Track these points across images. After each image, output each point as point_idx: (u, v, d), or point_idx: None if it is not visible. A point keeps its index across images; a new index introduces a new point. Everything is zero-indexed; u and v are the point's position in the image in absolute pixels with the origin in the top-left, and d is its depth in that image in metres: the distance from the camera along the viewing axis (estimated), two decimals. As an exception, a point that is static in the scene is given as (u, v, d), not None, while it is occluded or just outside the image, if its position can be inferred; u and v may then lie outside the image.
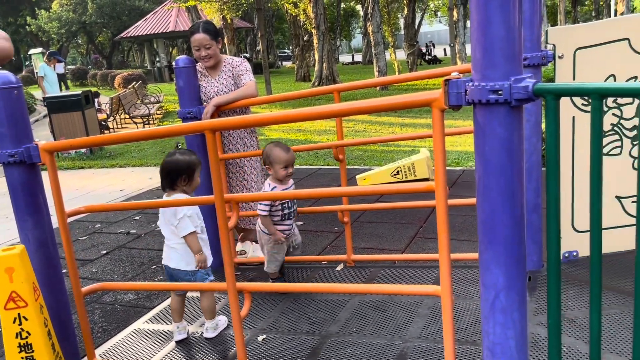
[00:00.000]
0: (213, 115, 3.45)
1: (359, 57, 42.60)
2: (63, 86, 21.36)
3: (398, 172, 5.57)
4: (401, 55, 25.04)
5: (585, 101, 2.91)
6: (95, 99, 15.15)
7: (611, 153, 3.00)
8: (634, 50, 2.88)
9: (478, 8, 1.55)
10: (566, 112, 2.89)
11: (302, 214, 4.70)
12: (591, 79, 2.85)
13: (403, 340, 2.55)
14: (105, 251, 4.38)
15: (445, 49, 37.48)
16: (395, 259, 3.59)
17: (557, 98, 1.51)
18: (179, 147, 3.31)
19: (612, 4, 22.83)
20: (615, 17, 2.98)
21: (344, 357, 2.47)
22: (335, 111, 2.09)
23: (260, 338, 2.73)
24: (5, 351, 2.13)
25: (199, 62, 3.66)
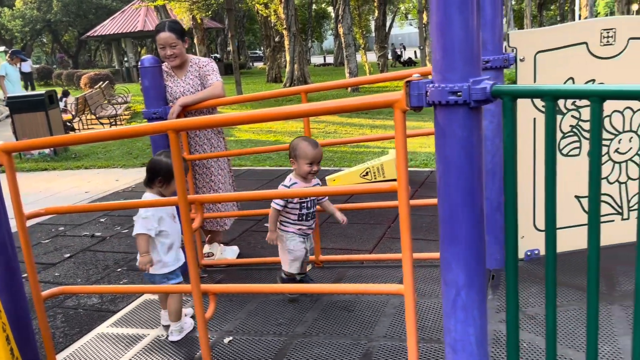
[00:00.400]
0: (179, 115, 3.42)
1: (330, 59, 42.74)
2: (29, 86, 20.83)
3: (367, 173, 5.61)
4: (372, 57, 25.21)
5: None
6: (64, 98, 14.82)
7: (570, 154, 3.09)
8: (592, 54, 2.96)
9: (437, 11, 1.58)
10: (527, 114, 2.96)
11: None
12: (551, 82, 2.92)
13: (369, 340, 2.57)
14: (68, 254, 4.28)
15: (415, 51, 37.92)
16: (363, 259, 3.61)
17: (514, 99, 1.55)
18: (167, 150, 3.29)
19: (577, 9, 23.48)
20: (574, 22, 3.08)
21: (310, 358, 2.48)
22: (300, 111, 2.10)
23: (227, 340, 2.71)
24: (-41, 358, 2.06)
25: (165, 62, 3.62)
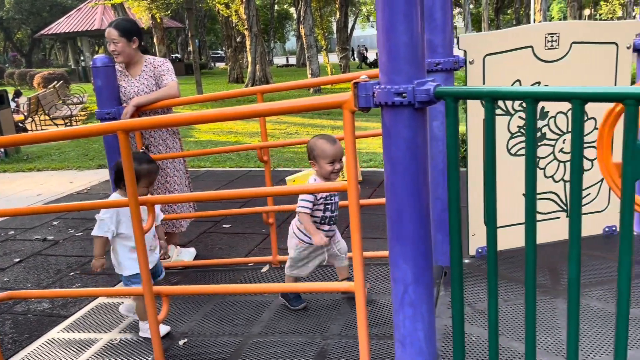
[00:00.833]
0: (133, 115, 3.36)
1: (293, 60, 42.71)
2: None
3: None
4: (335, 58, 25.34)
5: (496, 105, 3.08)
6: (16, 99, 14.31)
7: (518, 153, 3.19)
8: (537, 57, 3.08)
9: (383, 14, 1.62)
10: (478, 115, 3.04)
11: (229, 215, 4.67)
12: (499, 84, 3.01)
13: (324, 338, 2.60)
14: (18, 259, 4.15)
15: (377, 53, 38.17)
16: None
17: (456, 101, 1.60)
18: (145, 151, 3.28)
19: (532, 14, 24.23)
20: (521, 26, 3.18)
21: (265, 357, 2.48)
22: (252, 111, 2.11)
23: (181, 342, 2.69)
24: None
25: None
